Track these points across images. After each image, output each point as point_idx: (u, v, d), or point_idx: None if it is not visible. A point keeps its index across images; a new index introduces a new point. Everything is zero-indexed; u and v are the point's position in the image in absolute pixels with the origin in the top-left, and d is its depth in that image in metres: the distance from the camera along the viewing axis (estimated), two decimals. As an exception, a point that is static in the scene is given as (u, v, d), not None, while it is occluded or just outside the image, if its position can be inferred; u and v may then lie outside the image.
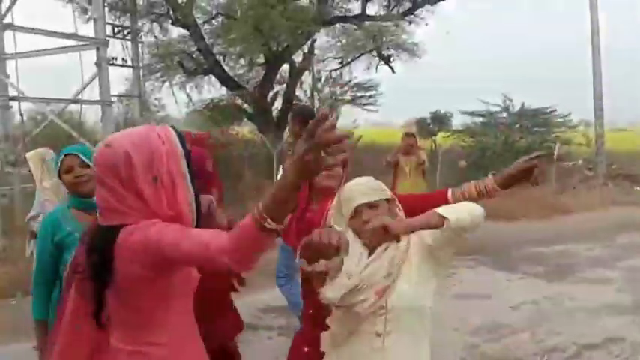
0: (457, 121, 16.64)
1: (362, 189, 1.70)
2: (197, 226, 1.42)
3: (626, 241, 7.34)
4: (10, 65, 7.47)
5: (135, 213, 1.37)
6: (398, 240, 1.64)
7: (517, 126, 14.10)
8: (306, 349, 2.01)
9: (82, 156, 2.16)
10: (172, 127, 1.47)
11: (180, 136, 1.44)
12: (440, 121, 18.07)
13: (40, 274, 2.19)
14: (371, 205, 1.67)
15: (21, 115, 7.99)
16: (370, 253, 1.69)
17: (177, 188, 1.41)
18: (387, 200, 1.72)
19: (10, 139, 7.48)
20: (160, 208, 1.38)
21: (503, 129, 13.70)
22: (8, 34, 7.38)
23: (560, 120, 14.28)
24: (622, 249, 6.92)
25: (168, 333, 1.46)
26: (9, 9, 7.35)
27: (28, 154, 3.74)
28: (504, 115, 14.41)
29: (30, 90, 7.53)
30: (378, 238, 1.62)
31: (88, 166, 2.10)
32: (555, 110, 14.25)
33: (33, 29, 7.35)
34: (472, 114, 14.79)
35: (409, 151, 5.97)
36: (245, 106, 12.79)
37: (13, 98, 7.48)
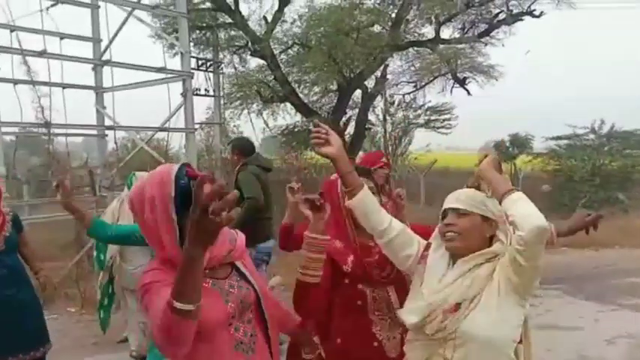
0: (537, 145, 15.91)
1: (460, 196, 1.69)
2: None
3: None
4: (107, 97, 8.14)
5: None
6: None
7: (606, 148, 13.21)
8: (339, 341, 1.98)
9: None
10: (184, 164, 1.48)
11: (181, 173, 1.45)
12: (520, 144, 17.39)
13: None
14: (459, 213, 1.63)
15: (115, 143, 8.65)
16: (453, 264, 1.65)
17: (161, 232, 1.42)
18: (483, 217, 1.64)
19: (106, 165, 8.13)
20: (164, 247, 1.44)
21: (591, 152, 12.90)
22: (106, 70, 8.07)
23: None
24: None
25: None
26: (107, 47, 8.06)
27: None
28: (592, 137, 13.56)
29: (123, 120, 8.15)
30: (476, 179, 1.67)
31: None
32: (650, 131, 13.23)
33: (128, 64, 8.00)
34: (558, 138, 14.01)
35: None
36: (319, 132, 13.01)
37: (109, 128, 8.12)
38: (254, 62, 12.70)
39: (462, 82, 13.05)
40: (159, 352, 1.36)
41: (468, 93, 13.33)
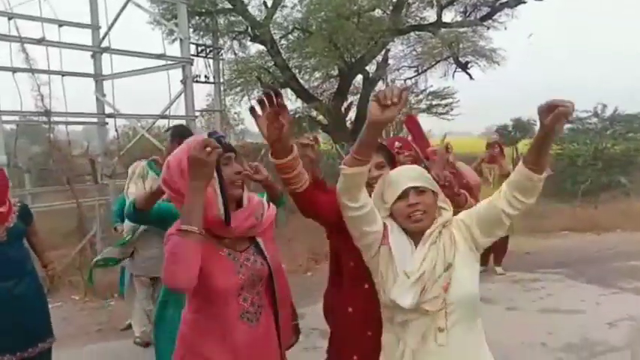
0: (541, 129, 15.84)
1: (412, 174, 1.69)
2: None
3: None
4: (107, 85, 8.10)
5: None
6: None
7: (609, 132, 13.14)
8: (350, 310, 1.97)
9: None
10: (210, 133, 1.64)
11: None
12: (522, 128, 17.32)
13: None
14: (419, 191, 1.65)
15: (116, 131, 8.64)
16: (415, 244, 1.67)
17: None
18: (433, 192, 1.69)
19: (107, 153, 8.12)
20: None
21: (594, 136, 12.83)
22: (105, 57, 8.02)
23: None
24: None
25: None
26: (106, 34, 8.00)
27: (130, 168, 4.10)
28: (594, 120, 13.47)
29: (123, 107, 8.12)
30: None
31: None
32: (653, 115, 13.11)
33: (126, 51, 7.95)
34: (558, 120, 13.95)
35: (493, 160, 5.84)
36: (320, 117, 12.98)
37: (109, 115, 8.10)
38: (254, 48, 12.64)
39: (464, 67, 12.95)
40: (164, 324, 1.53)
41: (470, 77, 13.25)
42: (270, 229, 1.76)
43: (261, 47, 11.87)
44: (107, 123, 8.34)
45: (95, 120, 8.33)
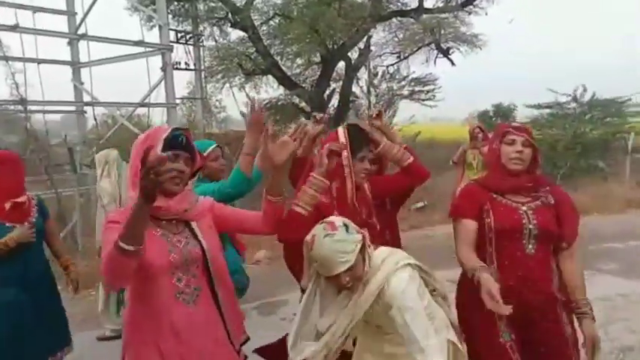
0: (521, 114, 16.00)
1: (339, 258, 1.67)
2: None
3: None
4: (84, 73, 7.96)
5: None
6: None
7: (588, 117, 13.34)
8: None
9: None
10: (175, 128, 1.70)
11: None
12: (503, 114, 17.50)
13: None
14: (349, 269, 1.68)
15: (95, 119, 8.50)
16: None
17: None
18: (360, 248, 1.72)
19: (86, 142, 8.00)
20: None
21: (573, 120, 13.02)
22: (82, 44, 7.86)
23: (637, 109, 13.33)
24: None
25: None
26: (82, 20, 7.83)
27: (96, 156, 4.00)
28: (573, 105, 13.66)
29: (102, 96, 7.99)
30: None
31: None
32: (630, 99, 13.31)
33: (104, 38, 7.80)
34: (539, 107, 14.10)
35: (477, 145, 5.85)
36: (302, 104, 12.94)
37: (87, 104, 7.96)
38: (235, 34, 12.49)
39: (445, 53, 12.99)
40: None
41: (452, 63, 13.30)
42: (208, 217, 1.80)
43: (242, 33, 11.75)
44: (85, 112, 8.21)
45: (73, 108, 8.18)
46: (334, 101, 12.94)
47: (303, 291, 1.89)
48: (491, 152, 2.15)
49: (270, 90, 13.57)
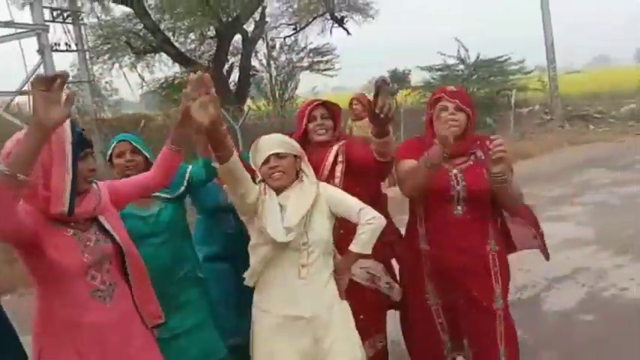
0: (417, 78, 16.75)
1: (274, 142, 1.92)
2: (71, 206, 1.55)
3: (584, 179, 7.65)
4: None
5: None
6: None
7: (474, 77, 14.30)
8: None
9: (133, 143, 2.23)
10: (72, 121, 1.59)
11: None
12: (399, 79, 18.19)
13: None
14: (279, 156, 1.89)
15: (-35, 112, 7.59)
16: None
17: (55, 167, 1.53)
18: (295, 156, 1.94)
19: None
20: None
21: (462, 81, 13.88)
22: (-62, 27, 6.92)
23: (516, 67, 14.53)
24: (580, 187, 7.21)
25: None
26: None
27: None
28: (461, 67, 14.57)
29: (-29, 85, 7.13)
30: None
31: (139, 153, 2.21)
32: (510, 58, 14.48)
33: (-36, 20, 6.93)
34: (430, 69, 14.88)
35: (360, 117, 5.98)
36: (201, 81, 12.50)
37: (-47, 95, 7.08)
38: (119, 10, 11.63)
39: (340, 22, 13.16)
40: None
41: (348, 32, 13.53)
42: (108, 206, 1.78)
43: (127, 9, 10.98)
44: (-47, 104, 7.30)
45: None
46: (234, 76, 12.66)
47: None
48: (427, 116, 2.20)
49: (164, 68, 12.96)
